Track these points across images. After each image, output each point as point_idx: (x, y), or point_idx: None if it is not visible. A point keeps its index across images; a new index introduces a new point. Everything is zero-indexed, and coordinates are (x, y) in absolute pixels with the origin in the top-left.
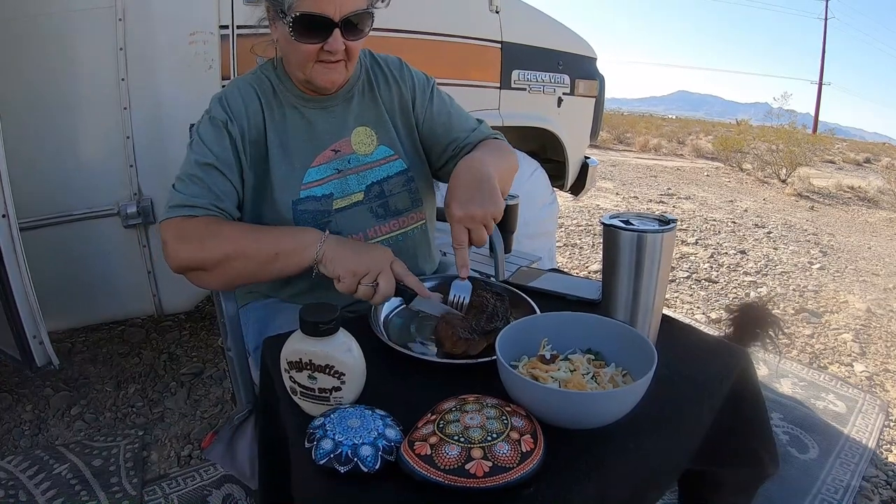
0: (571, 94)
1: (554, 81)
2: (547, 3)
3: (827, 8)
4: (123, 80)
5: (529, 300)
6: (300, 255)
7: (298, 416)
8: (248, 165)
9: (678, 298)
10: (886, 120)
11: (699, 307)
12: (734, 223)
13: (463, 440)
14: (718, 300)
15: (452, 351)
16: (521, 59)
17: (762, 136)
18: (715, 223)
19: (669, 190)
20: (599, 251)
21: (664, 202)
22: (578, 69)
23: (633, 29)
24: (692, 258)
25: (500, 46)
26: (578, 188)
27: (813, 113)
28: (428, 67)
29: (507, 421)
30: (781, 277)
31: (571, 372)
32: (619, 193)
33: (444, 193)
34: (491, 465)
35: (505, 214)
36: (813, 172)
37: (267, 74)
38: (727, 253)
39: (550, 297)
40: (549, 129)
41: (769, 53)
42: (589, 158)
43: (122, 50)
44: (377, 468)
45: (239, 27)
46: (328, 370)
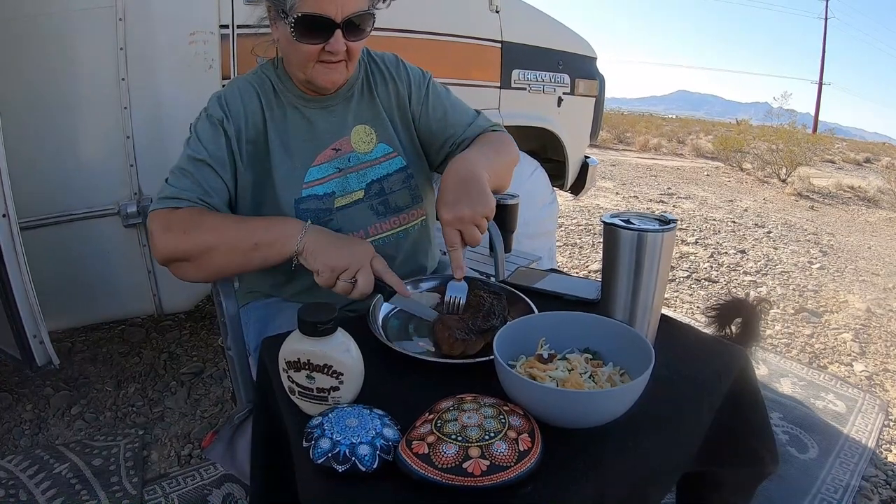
0: (571, 93)
1: (554, 81)
2: (547, 2)
3: (827, 8)
4: (123, 79)
5: (527, 300)
6: (280, 246)
7: (297, 415)
8: (244, 164)
9: (678, 298)
10: (886, 120)
11: (699, 307)
12: (734, 223)
13: (460, 439)
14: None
15: (450, 353)
16: (521, 58)
17: (762, 135)
18: (715, 223)
19: (669, 189)
20: (599, 251)
21: (664, 202)
22: (578, 69)
23: (633, 28)
24: (692, 258)
25: (500, 46)
26: (578, 188)
27: (813, 113)
28: (428, 67)
29: (504, 420)
30: (781, 277)
31: (569, 371)
32: (619, 193)
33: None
34: (488, 463)
35: (505, 214)
36: (813, 172)
37: (267, 74)
38: (727, 252)
39: (549, 296)
40: (549, 128)
41: (769, 53)
42: (589, 158)
43: (122, 50)
44: (375, 467)
45: (239, 27)
46: (326, 370)
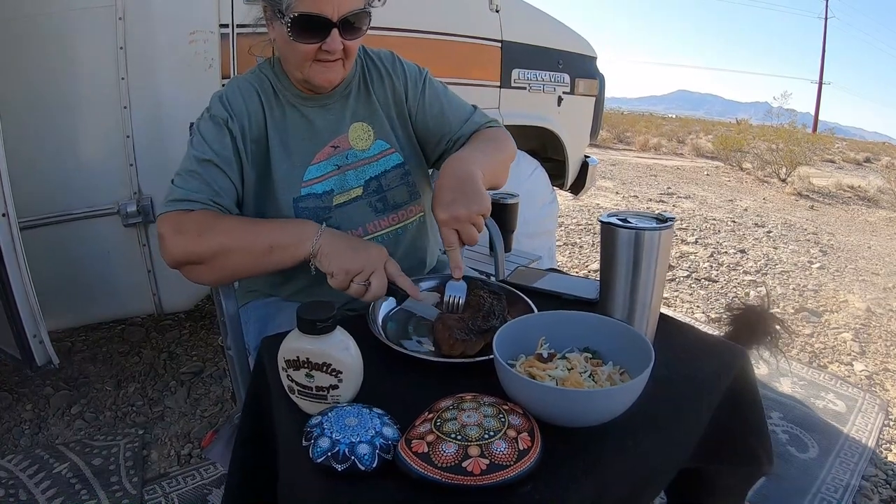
0: (571, 93)
1: (554, 80)
2: (547, 2)
3: (827, 7)
4: (123, 79)
5: (527, 299)
6: (295, 249)
7: (295, 414)
8: (248, 163)
9: (678, 297)
10: (886, 119)
11: (699, 306)
12: (734, 222)
13: (460, 438)
14: (718, 299)
15: (450, 353)
16: (521, 58)
17: (762, 135)
18: (715, 222)
19: (669, 189)
20: (599, 250)
21: (664, 201)
22: (578, 68)
23: (633, 28)
24: (692, 257)
25: (500, 45)
26: (578, 187)
27: (813, 112)
28: (428, 66)
29: (504, 419)
30: (781, 277)
31: (569, 370)
32: (618, 192)
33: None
34: (488, 462)
35: (505, 213)
36: (813, 172)
37: (266, 74)
38: (727, 252)
39: (549, 296)
40: (549, 128)
41: (769, 53)
42: (589, 157)
43: (122, 49)
44: (374, 466)
45: (239, 26)
46: (325, 368)
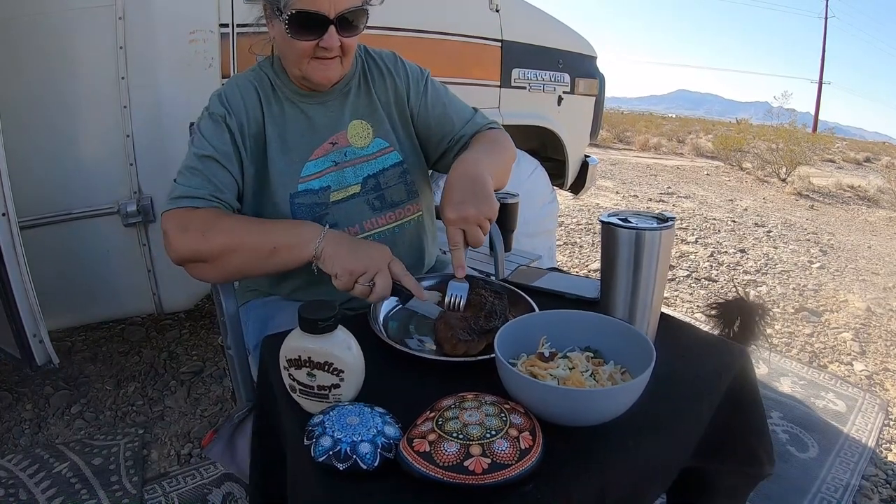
0: (571, 92)
1: (554, 80)
2: (547, 1)
3: (827, 7)
4: (123, 78)
5: (528, 298)
6: (299, 250)
7: (297, 413)
8: (247, 158)
9: (678, 297)
10: (886, 119)
11: (699, 306)
12: (734, 222)
13: (462, 437)
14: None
15: (452, 353)
16: (521, 57)
17: (762, 135)
18: (715, 222)
19: (669, 189)
20: (599, 250)
21: (664, 201)
22: (578, 68)
23: (633, 28)
24: (692, 257)
25: (500, 45)
26: (578, 187)
27: (813, 112)
28: (428, 66)
29: (505, 418)
30: (781, 276)
31: (570, 370)
32: (618, 192)
33: (442, 187)
34: (490, 461)
35: (505, 213)
36: (813, 171)
37: (265, 71)
38: (727, 252)
39: (549, 295)
40: (549, 127)
41: (769, 52)
42: (589, 157)
43: (121, 48)
44: (376, 465)
45: (239, 25)
46: (327, 367)
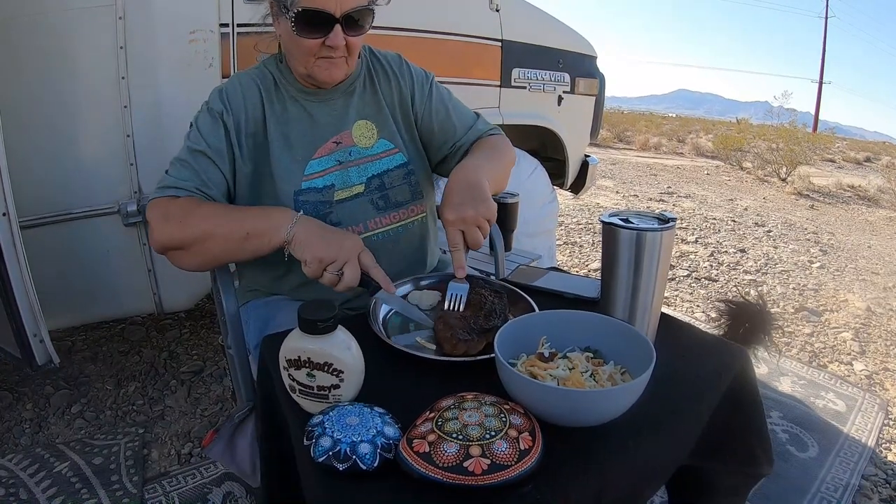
0: (572, 92)
1: (554, 80)
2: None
3: (827, 6)
4: (123, 78)
5: (528, 298)
6: (270, 235)
7: (297, 414)
8: (243, 157)
9: (678, 297)
10: (887, 119)
11: (699, 305)
12: (734, 222)
13: (461, 438)
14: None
15: (452, 353)
16: (521, 57)
17: (762, 134)
18: (715, 222)
19: (669, 188)
20: (599, 249)
21: (664, 200)
22: (579, 67)
23: (633, 28)
24: (692, 257)
25: (500, 45)
26: (578, 186)
27: (813, 112)
28: (428, 66)
29: (505, 419)
30: (781, 276)
31: (570, 370)
32: (619, 192)
33: (442, 188)
34: (489, 462)
35: (505, 213)
36: (813, 171)
37: (269, 68)
38: (727, 251)
39: (549, 295)
40: (549, 127)
41: (770, 52)
42: (589, 157)
43: (122, 48)
44: (376, 466)
45: (239, 25)
46: (327, 368)
